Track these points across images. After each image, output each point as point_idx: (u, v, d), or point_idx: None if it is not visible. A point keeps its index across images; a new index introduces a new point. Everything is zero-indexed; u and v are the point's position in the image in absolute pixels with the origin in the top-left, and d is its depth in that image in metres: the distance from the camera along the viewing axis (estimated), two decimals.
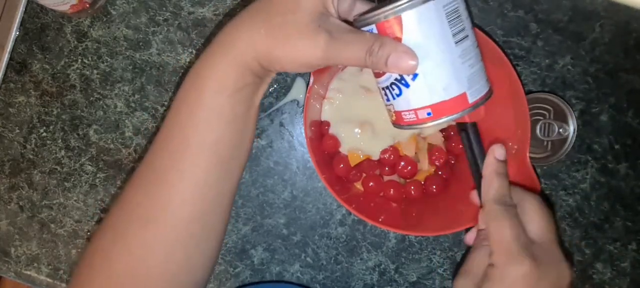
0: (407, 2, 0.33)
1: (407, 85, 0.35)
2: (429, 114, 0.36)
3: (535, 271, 0.37)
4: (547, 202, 0.57)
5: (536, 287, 0.37)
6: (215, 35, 0.57)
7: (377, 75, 0.38)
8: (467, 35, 0.35)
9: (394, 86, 0.36)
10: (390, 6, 0.34)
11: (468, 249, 0.45)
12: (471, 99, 0.36)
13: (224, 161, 0.38)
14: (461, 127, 0.42)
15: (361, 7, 0.39)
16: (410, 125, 0.37)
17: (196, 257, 0.39)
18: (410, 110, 0.36)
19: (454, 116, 0.36)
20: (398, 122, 0.38)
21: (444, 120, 0.36)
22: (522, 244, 0.38)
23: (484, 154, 0.42)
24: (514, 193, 0.42)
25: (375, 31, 0.35)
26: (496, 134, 0.52)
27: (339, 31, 0.34)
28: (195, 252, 0.39)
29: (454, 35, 0.34)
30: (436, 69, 0.35)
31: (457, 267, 0.57)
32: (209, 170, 0.38)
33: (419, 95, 0.35)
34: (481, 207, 0.42)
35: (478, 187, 0.42)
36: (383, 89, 0.38)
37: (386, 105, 0.39)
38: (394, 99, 0.37)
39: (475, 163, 0.42)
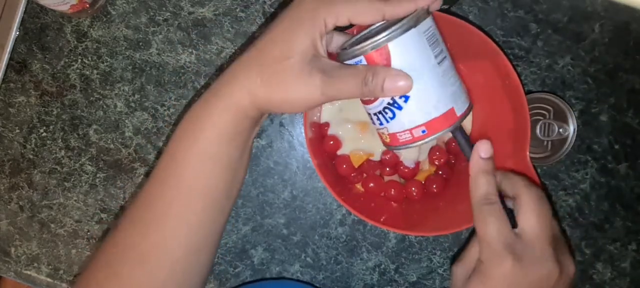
0: (392, 32, 0.35)
1: (399, 108, 0.38)
2: (423, 131, 0.38)
3: (517, 270, 0.37)
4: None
5: (517, 285, 0.38)
6: (215, 35, 0.58)
7: (367, 102, 0.39)
8: (446, 56, 0.38)
9: (386, 110, 0.38)
10: (377, 38, 0.36)
11: (471, 234, 0.45)
12: (459, 112, 0.38)
13: (217, 203, 0.40)
14: (453, 132, 0.42)
15: (338, 39, 0.40)
16: (405, 145, 0.39)
17: (188, 284, 0.41)
18: (405, 130, 0.38)
19: (447, 129, 0.38)
20: (393, 143, 0.40)
21: (437, 135, 0.38)
22: (504, 243, 0.38)
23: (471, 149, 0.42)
24: (514, 184, 0.41)
25: (364, 62, 0.37)
26: (496, 134, 0.52)
27: (332, 69, 0.36)
28: (187, 282, 0.41)
29: (436, 56, 0.37)
30: (425, 89, 0.37)
31: (458, 252, 0.57)
32: (203, 212, 0.39)
33: (413, 116, 0.38)
34: None
35: None
36: (375, 114, 0.39)
37: (378, 129, 0.40)
38: (387, 122, 0.39)
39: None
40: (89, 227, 0.58)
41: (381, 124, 0.40)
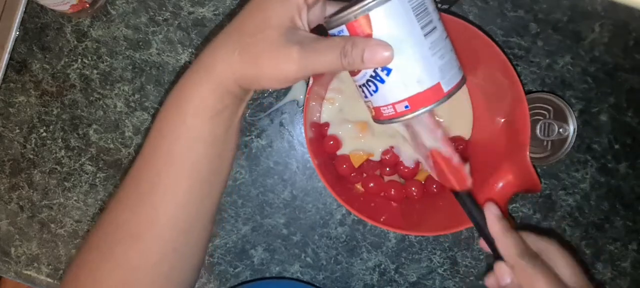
0: (374, 0, 0.34)
1: (382, 81, 0.36)
2: (406, 106, 0.37)
3: None
4: (548, 202, 0.57)
5: None
6: (215, 35, 0.58)
7: (353, 73, 0.39)
8: (435, 27, 0.36)
9: (369, 83, 0.37)
10: (358, 6, 0.34)
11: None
12: (446, 88, 0.36)
13: (205, 180, 0.40)
14: (455, 194, 0.43)
15: (332, 9, 0.40)
16: (390, 119, 0.38)
17: (180, 269, 0.41)
18: (388, 104, 0.37)
19: (432, 106, 0.36)
20: (378, 117, 0.39)
21: (422, 111, 0.37)
22: None
23: (481, 213, 0.43)
24: (535, 242, 0.42)
25: (345, 32, 0.36)
26: (496, 134, 0.52)
27: (309, 41, 0.35)
28: (179, 265, 0.40)
29: (422, 27, 0.35)
30: (408, 62, 0.35)
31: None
32: (191, 189, 0.39)
33: (395, 90, 0.36)
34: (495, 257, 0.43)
35: (489, 243, 0.43)
36: (360, 86, 0.39)
37: (364, 101, 0.39)
38: (371, 95, 0.38)
39: (477, 224, 0.43)
40: (89, 227, 0.58)
41: (366, 96, 0.39)
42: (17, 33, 0.58)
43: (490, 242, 0.42)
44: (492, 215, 0.42)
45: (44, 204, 0.58)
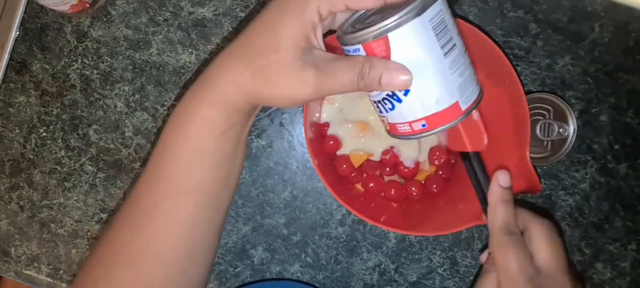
0: (394, 21, 0.33)
1: (399, 101, 0.35)
2: (423, 125, 0.36)
3: None
4: (548, 202, 0.57)
5: None
6: (215, 35, 0.58)
7: None
8: (455, 44, 0.35)
9: (385, 101, 0.36)
10: (377, 26, 0.33)
11: (481, 268, 0.45)
12: (464, 106, 0.36)
13: (211, 199, 0.38)
14: (464, 156, 0.43)
15: (342, 17, 0.38)
16: (405, 136, 0.37)
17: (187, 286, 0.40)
18: (405, 122, 0.36)
19: (449, 125, 0.36)
20: (393, 132, 0.38)
21: (439, 130, 0.36)
22: (527, 276, 0.38)
23: (488, 180, 0.42)
24: (522, 218, 0.42)
25: (362, 52, 0.34)
26: (496, 134, 0.52)
27: (325, 63, 0.34)
28: (185, 284, 0.39)
29: (442, 46, 0.34)
30: (427, 83, 0.34)
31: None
32: (196, 210, 0.38)
33: (412, 109, 0.36)
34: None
35: (485, 211, 0.43)
36: (375, 102, 0.38)
37: (379, 116, 0.39)
38: (387, 112, 0.37)
39: (481, 190, 0.43)
40: (89, 227, 0.58)
41: (381, 112, 0.38)
42: (17, 33, 0.58)
43: (485, 207, 0.42)
44: (496, 184, 0.41)
45: (44, 204, 0.58)
